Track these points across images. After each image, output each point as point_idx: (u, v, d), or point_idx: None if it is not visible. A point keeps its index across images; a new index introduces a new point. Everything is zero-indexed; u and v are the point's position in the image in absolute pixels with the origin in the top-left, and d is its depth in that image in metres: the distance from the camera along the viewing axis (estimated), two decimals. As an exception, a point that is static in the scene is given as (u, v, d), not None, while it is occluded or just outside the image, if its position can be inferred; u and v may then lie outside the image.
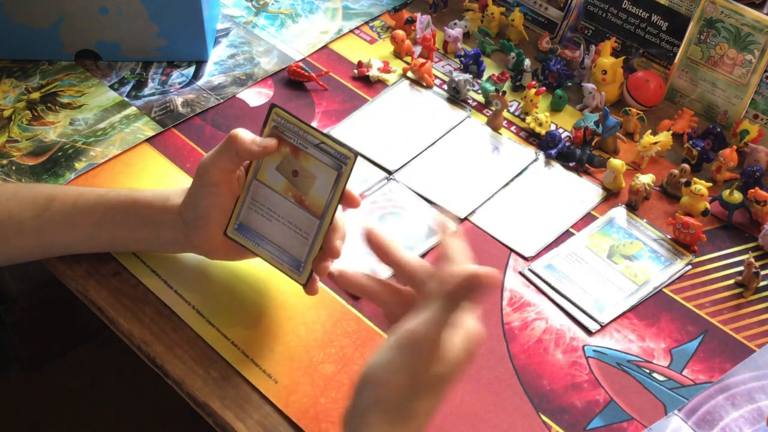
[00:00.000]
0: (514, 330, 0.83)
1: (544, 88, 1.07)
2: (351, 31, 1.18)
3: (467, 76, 1.07)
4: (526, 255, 0.90)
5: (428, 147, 1.01)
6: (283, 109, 0.75)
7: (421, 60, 1.08)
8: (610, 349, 0.82)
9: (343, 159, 0.73)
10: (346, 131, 1.02)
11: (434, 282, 0.64)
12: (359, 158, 0.99)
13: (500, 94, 1.02)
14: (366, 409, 0.62)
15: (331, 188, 0.74)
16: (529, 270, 0.88)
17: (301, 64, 1.10)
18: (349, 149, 0.72)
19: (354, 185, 0.96)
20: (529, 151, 1.01)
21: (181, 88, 1.07)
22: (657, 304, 0.86)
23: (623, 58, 1.07)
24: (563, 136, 1.02)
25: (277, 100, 1.06)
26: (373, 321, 0.83)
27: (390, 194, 0.95)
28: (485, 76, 1.10)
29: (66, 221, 0.81)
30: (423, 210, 0.94)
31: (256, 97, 1.07)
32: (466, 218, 0.93)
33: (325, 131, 0.76)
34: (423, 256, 0.89)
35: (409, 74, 1.10)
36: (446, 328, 0.62)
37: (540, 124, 1.02)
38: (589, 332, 0.83)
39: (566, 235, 0.92)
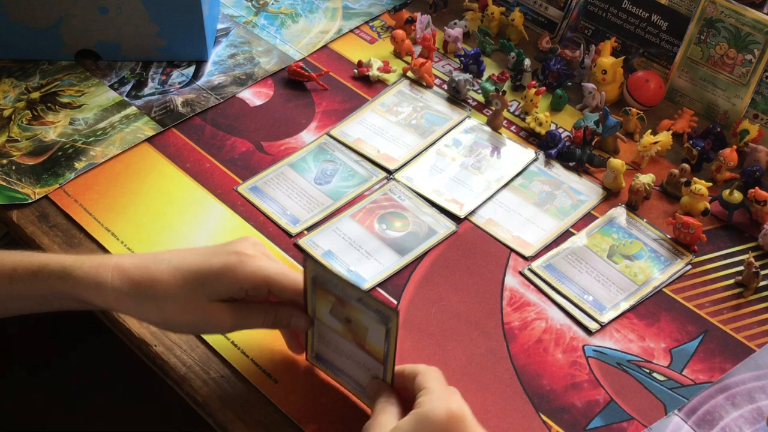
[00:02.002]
0: (514, 330, 0.83)
1: (544, 88, 1.07)
2: (351, 30, 1.18)
3: (467, 75, 1.07)
4: (526, 255, 0.90)
5: (428, 147, 1.01)
6: (318, 262, 0.70)
7: (421, 60, 1.08)
8: (610, 349, 0.82)
9: (385, 317, 0.67)
10: (346, 131, 1.02)
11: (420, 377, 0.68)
12: (361, 160, 1.00)
13: (500, 93, 1.02)
14: None
15: (384, 341, 0.68)
16: (529, 270, 0.88)
17: (301, 63, 1.10)
18: (388, 308, 0.67)
19: (354, 185, 0.96)
20: (529, 151, 1.01)
21: (181, 87, 1.07)
22: (657, 304, 0.86)
23: (623, 58, 1.07)
24: (563, 136, 1.02)
25: (277, 100, 1.07)
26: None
27: (390, 194, 0.95)
28: (485, 75, 1.10)
29: (9, 296, 0.74)
30: (423, 210, 0.94)
31: (256, 96, 1.07)
32: (466, 218, 0.93)
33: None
34: (423, 255, 0.89)
35: (409, 74, 1.10)
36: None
37: (540, 124, 1.02)
38: (589, 332, 0.83)
39: (566, 235, 0.92)
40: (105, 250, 0.88)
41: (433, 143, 1.01)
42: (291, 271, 0.73)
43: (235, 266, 0.71)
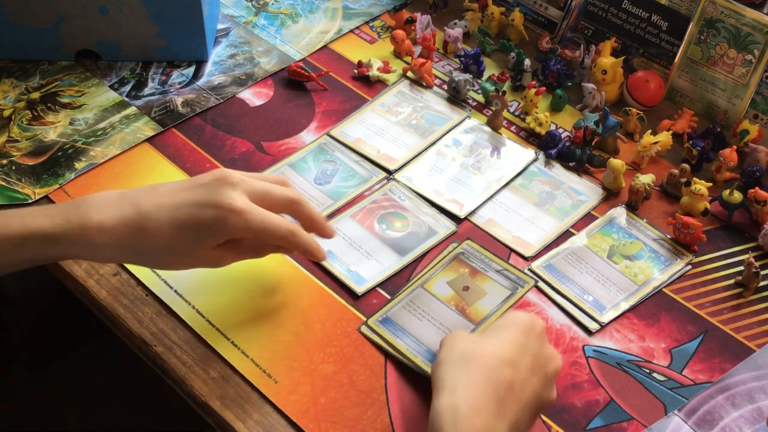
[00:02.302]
0: (514, 330, 0.83)
1: (544, 88, 1.07)
2: (351, 31, 1.18)
3: (467, 76, 1.07)
4: (526, 255, 0.90)
5: (428, 147, 1.01)
6: (475, 242, 0.89)
7: (421, 60, 1.08)
8: (610, 349, 0.82)
9: (521, 283, 0.85)
10: (346, 131, 1.02)
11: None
12: (361, 160, 1.00)
13: (500, 94, 1.02)
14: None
15: (498, 303, 0.83)
16: (529, 270, 0.88)
17: (301, 64, 1.10)
18: (530, 276, 0.84)
19: (354, 186, 0.96)
20: (529, 151, 1.01)
21: (181, 88, 1.07)
22: (657, 304, 0.86)
23: (623, 58, 1.07)
24: (563, 136, 1.02)
25: (277, 100, 1.07)
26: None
27: (390, 194, 0.95)
28: (485, 76, 1.10)
29: None
30: (423, 210, 0.93)
31: (256, 96, 1.07)
32: (466, 218, 0.93)
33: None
34: (423, 255, 0.89)
35: (409, 74, 1.10)
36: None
37: (540, 124, 1.02)
38: (589, 332, 0.83)
39: (566, 235, 0.92)
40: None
41: (433, 143, 1.01)
42: (276, 225, 0.76)
43: (225, 221, 0.74)
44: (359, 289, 0.85)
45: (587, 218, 0.94)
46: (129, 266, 0.86)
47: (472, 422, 0.63)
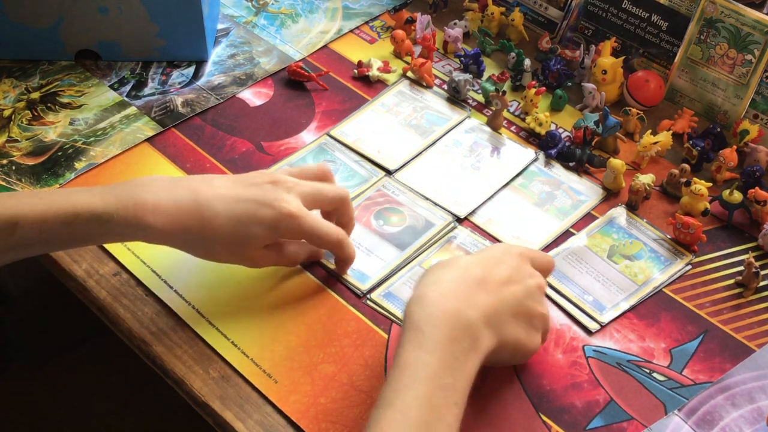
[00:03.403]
0: (514, 330, 0.83)
1: (544, 88, 1.07)
2: (351, 31, 1.17)
3: (467, 76, 1.07)
4: (526, 255, 0.90)
5: (428, 147, 1.01)
6: (467, 228, 0.91)
7: (421, 60, 1.08)
8: (610, 349, 0.82)
9: None
10: (346, 131, 1.02)
11: None
12: (361, 160, 1.00)
13: (500, 94, 1.02)
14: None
15: None
16: (529, 270, 0.88)
17: (301, 64, 1.10)
18: None
19: (354, 186, 0.96)
20: (529, 151, 1.01)
21: (181, 88, 1.07)
22: (657, 304, 0.86)
23: (623, 58, 1.07)
24: (563, 136, 1.02)
25: (277, 100, 1.07)
26: (371, 320, 0.83)
27: (383, 190, 0.95)
28: (485, 76, 1.10)
29: (33, 247, 0.76)
30: (418, 203, 0.93)
31: (256, 96, 1.07)
32: (466, 218, 0.93)
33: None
34: (424, 250, 0.89)
35: (409, 74, 1.10)
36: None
37: (540, 124, 1.02)
38: (589, 332, 0.83)
39: (566, 235, 0.92)
40: (106, 251, 0.88)
41: (433, 143, 1.01)
42: (327, 231, 0.80)
43: (279, 222, 0.77)
44: (363, 286, 0.85)
45: (587, 218, 0.94)
46: (129, 266, 0.86)
47: (441, 304, 0.67)
